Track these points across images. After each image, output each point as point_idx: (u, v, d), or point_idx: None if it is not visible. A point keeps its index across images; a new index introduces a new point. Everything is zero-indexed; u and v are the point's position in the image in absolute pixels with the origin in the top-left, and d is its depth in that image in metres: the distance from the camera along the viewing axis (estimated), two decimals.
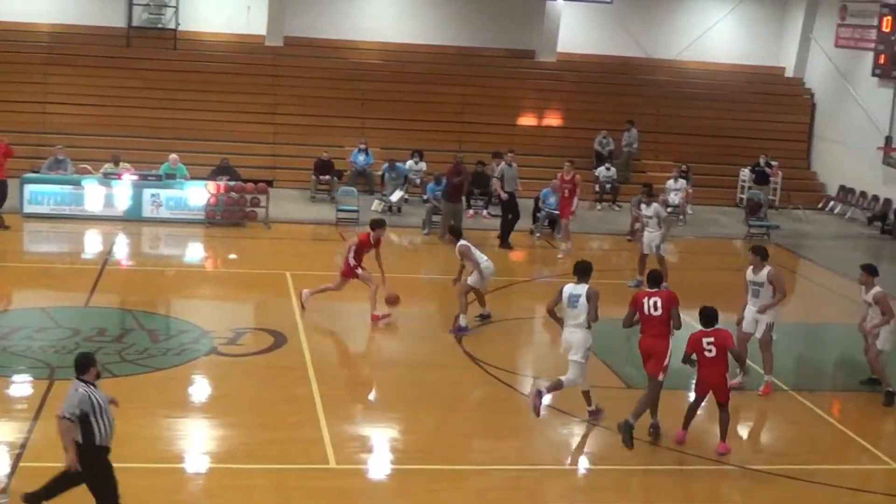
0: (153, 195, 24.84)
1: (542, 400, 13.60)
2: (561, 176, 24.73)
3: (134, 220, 24.52)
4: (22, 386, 14.31)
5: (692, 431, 13.47)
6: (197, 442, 12.96)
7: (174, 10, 31.50)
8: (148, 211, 24.79)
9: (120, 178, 24.83)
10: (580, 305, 13.61)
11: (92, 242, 23.40)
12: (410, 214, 26.77)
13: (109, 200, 24.70)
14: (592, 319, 13.61)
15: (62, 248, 23.24)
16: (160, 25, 31.77)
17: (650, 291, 13.62)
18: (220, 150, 28.28)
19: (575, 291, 13.71)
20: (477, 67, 32.73)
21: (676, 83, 33.79)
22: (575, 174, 24.71)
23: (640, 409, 13.36)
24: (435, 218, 25.59)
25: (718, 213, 30.47)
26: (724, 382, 13.13)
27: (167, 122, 29.85)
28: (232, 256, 23.37)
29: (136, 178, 24.94)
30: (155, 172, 25.37)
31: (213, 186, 25.09)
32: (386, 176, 28.52)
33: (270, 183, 27.51)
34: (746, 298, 15.51)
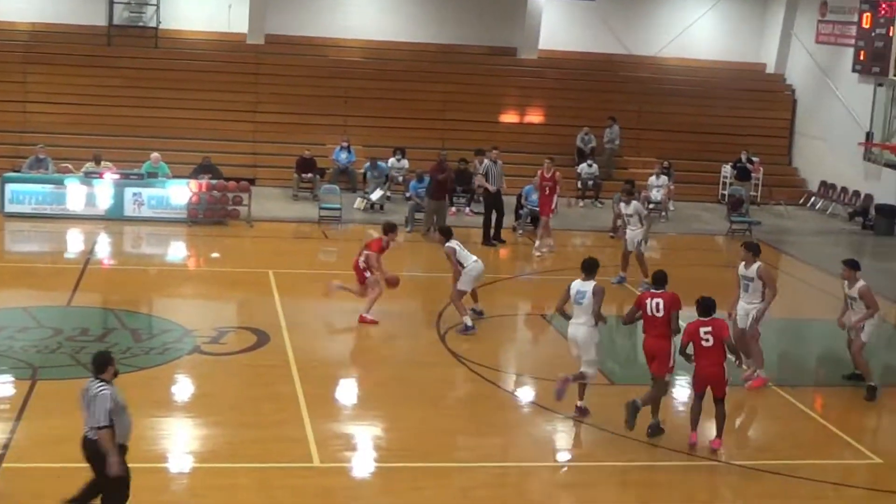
0: (135, 194, 24.75)
1: (565, 385, 13.67)
2: (541, 173, 24.61)
3: (116, 219, 24.43)
4: (4, 386, 14.24)
5: (676, 425, 13.51)
6: (180, 441, 12.94)
7: (155, 8, 31.38)
8: (130, 210, 24.70)
9: (101, 177, 24.73)
10: (586, 301, 13.68)
11: (74, 242, 23.31)
12: (393, 212, 26.74)
13: (91, 199, 24.61)
14: (597, 317, 13.67)
15: (44, 247, 23.14)
16: (141, 24, 31.65)
17: (654, 292, 13.63)
18: (201, 148, 28.15)
19: (582, 288, 13.81)
20: (459, 65, 32.72)
21: (658, 80, 33.81)
22: (555, 171, 24.62)
23: (647, 399, 13.41)
24: (418, 215, 25.57)
25: (700, 209, 30.52)
26: (721, 374, 13.07)
27: (149, 120, 29.73)
28: (214, 255, 23.34)
29: (117, 177, 24.86)
30: (137, 171, 25.29)
31: (195, 185, 25.01)
32: (368, 174, 28.53)
33: (252, 181, 27.45)
34: (738, 293, 15.61)
